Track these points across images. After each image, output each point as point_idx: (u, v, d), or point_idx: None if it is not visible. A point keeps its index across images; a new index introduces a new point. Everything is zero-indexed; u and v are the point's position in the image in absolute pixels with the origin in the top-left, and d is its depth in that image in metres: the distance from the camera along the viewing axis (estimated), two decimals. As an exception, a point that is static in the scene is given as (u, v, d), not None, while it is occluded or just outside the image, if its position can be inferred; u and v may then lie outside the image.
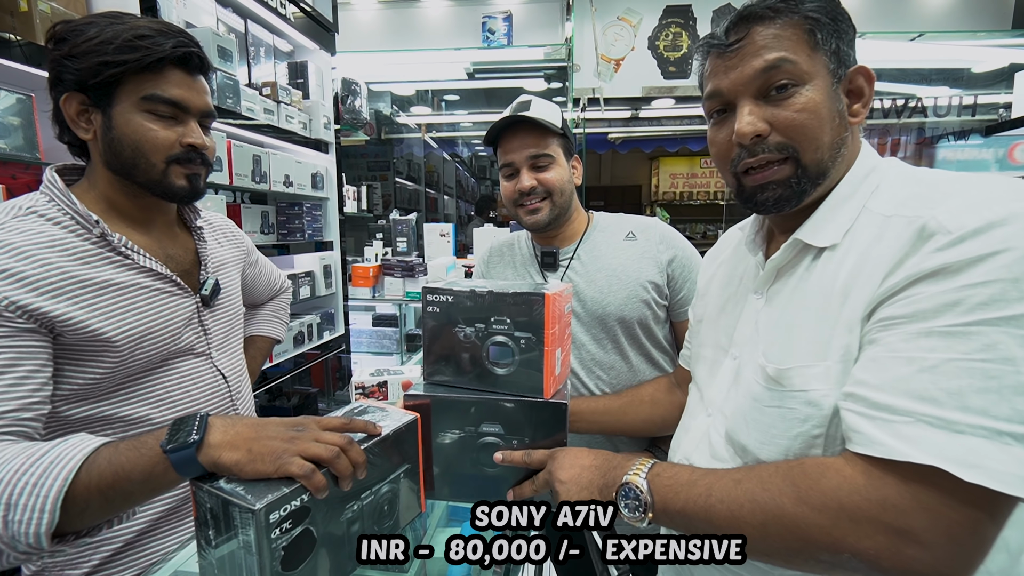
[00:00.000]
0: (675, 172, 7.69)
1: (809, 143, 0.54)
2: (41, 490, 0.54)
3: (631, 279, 0.98)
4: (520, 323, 0.66)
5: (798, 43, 0.53)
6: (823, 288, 0.53)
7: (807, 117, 0.53)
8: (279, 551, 0.48)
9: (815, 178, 0.55)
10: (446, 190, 6.43)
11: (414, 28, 4.02)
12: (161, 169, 0.76)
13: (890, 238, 0.49)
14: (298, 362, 2.13)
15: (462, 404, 0.69)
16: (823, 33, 0.53)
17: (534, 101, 0.99)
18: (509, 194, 1.01)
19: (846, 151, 0.56)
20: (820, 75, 0.53)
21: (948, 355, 0.43)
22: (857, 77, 0.55)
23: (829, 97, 0.53)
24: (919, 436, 0.42)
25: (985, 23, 3.80)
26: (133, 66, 0.71)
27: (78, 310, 0.68)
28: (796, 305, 0.56)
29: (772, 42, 0.53)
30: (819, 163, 0.54)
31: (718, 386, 0.65)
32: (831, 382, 0.50)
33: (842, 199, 0.56)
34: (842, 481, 0.45)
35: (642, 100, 4.01)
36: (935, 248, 0.45)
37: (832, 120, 0.54)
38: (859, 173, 0.56)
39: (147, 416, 0.77)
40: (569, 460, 0.63)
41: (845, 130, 0.55)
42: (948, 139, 4.00)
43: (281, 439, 0.53)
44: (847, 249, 0.53)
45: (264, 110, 1.87)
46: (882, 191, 0.54)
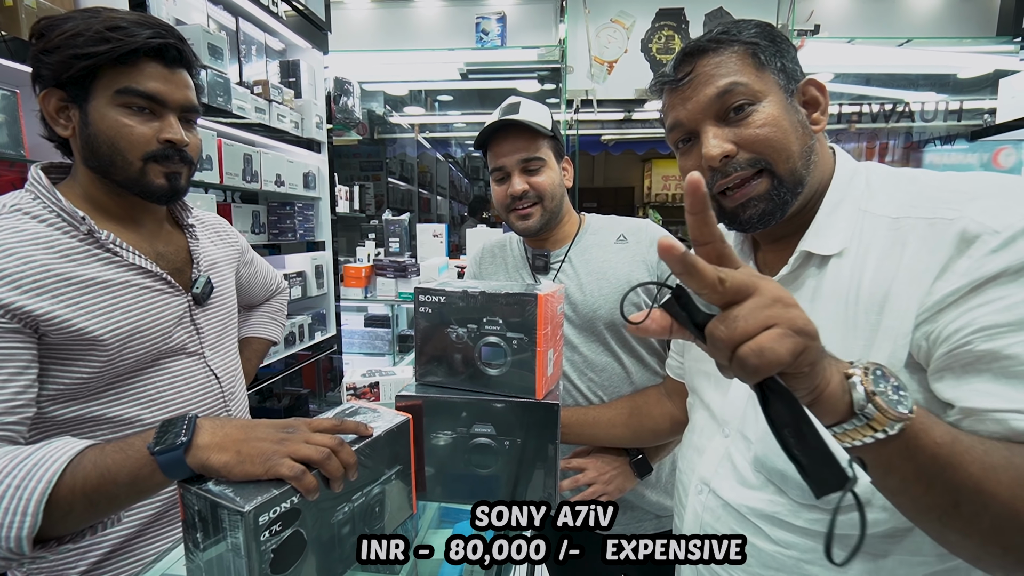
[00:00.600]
0: (667, 174, 7.73)
1: (779, 154, 0.55)
2: (23, 493, 0.53)
3: (621, 282, 0.98)
4: (512, 324, 0.66)
5: (744, 67, 0.56)
6: (841, 295, 0.53)
7: (770, 130, 0.55)
8: (268, 553, 0.48)
9: (793, 187, 0.55)
10: (439, 190, 6.42)
11: (407, 28, 4.01)
12: (138, 167, 0.74)
13: (918, 242, 0.49)
14: (289, 363, 2.12)
15: (454, 405, 0.69)
16: (766, 54, 0.56)
17: (523, 103, 0.98)
18: (501, 199, 1.01)
19: (817, 158, 0.58)
20: (772, 91, 0.56)
21: None
22: (809, 88, 0.58)
23: (787, 109, 0.56)
24: None
25: (970, 30, 3.87)
26: (105, 58, 0.69)
27: (64, 308, 0.67)
28: (817, 312, 0.53)
29: (719, 69, 0.56)
30: (793, 172, 0.55)
31: (731, 404, 0.63)
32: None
33: (834, 205, 0.56)
34: None
35: (635, 102, 4.03)
36: (989, 250, 0.45)
37: (795, 130, 0.56)
38: (843, 177, 0.58)
39: (137, 417, 0.75)
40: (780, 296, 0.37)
41: (810, 138, 0.57)
42: (935, 143, 4.07)
43: (271, 441, 0.53)
44: (861, 255, 0.53)
45: (255, 109, 1.85)
46: (875, 193, 0.55)
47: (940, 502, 0.40)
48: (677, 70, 0.59)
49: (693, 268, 0.36)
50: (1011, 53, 3.61)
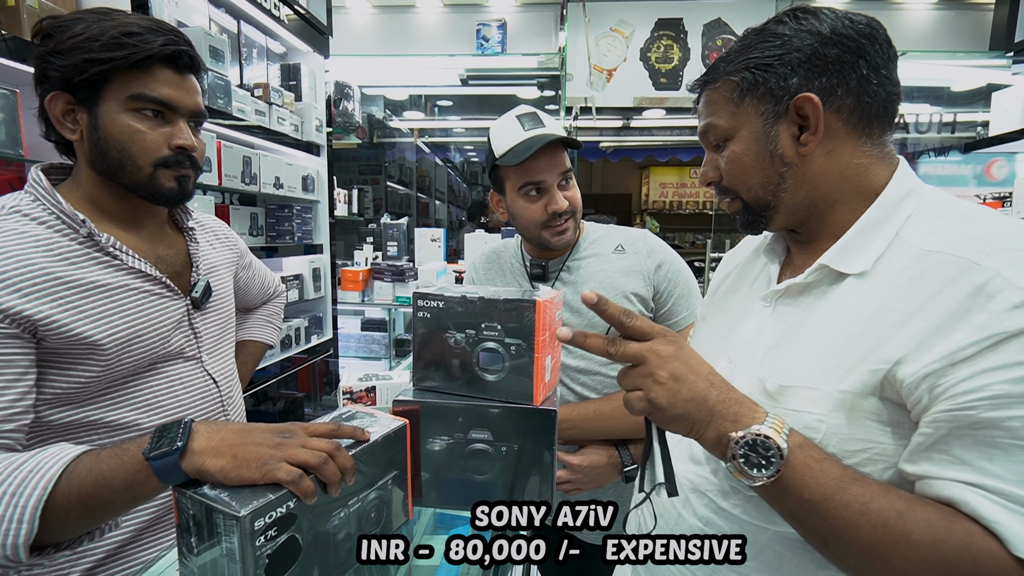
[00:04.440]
0: (665, 181, 7.78)
1: (740, 186, 0.60)
2: (19, 500, 0.52)
3: (618, 292, 0.99)
4: (511, 329, 0.66)
5: (722, 105, 0.60)
6: (845, 315, 0.52)
7: (731, 167, 0.60)
8: (263, 559, 0.47)
9: (759, 210, 0.61)
10: (437, 195, 6.43)
11: (408, 33, 4.03)
12: (148, 172, 0.74)
13: (935, 280, 0.47)
14: (285, 366, 2.11)
15: (451, 410, 0.69)
16: (744, 86, 0.57)
17: (541, 114, 0.97)
18: (537, 215, 0.96)
19: (799, 181, 0.57)
20: (747, 124, 0.58)
21: None
22: (804, 105, 0.54)
23: (757, 142, 0.58)
24: None
25: (964, 44, 3.93)
26: (120, 64, 0.69)
27: (62, 312, 0.66)
28: (809, 326, 0.55)
29: (704, 108, 0.62)
30: (757, 200, 0.60)
31: None
32: (827, 407, 0.50)
33: (873, 224, 0.54)
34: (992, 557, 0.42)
35: (633, 110, 4.06)
36: (1011, 305, 0.42)
37: (761, 161, 0.58)
38: (893, 197, 0.55)
39: (135, 421, 0.75)
40: (684, 355, 0.51)
41: (783, 165, 0.57)
42: (929, 155, 4.12)
43: (267, 445, 0.52)
44: (877, 280, 0.51)
45: (255, 111, 1.86)
46: (920, 220, 0.53)
47: (811, 538, 0.49)
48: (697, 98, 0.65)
49: (584, 345, 0.54)
50: (1003, 67, 3.66)
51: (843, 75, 0.53)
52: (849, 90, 0.54)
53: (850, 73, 0.53)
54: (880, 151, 0.56)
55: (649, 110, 4.03)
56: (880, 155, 0.56)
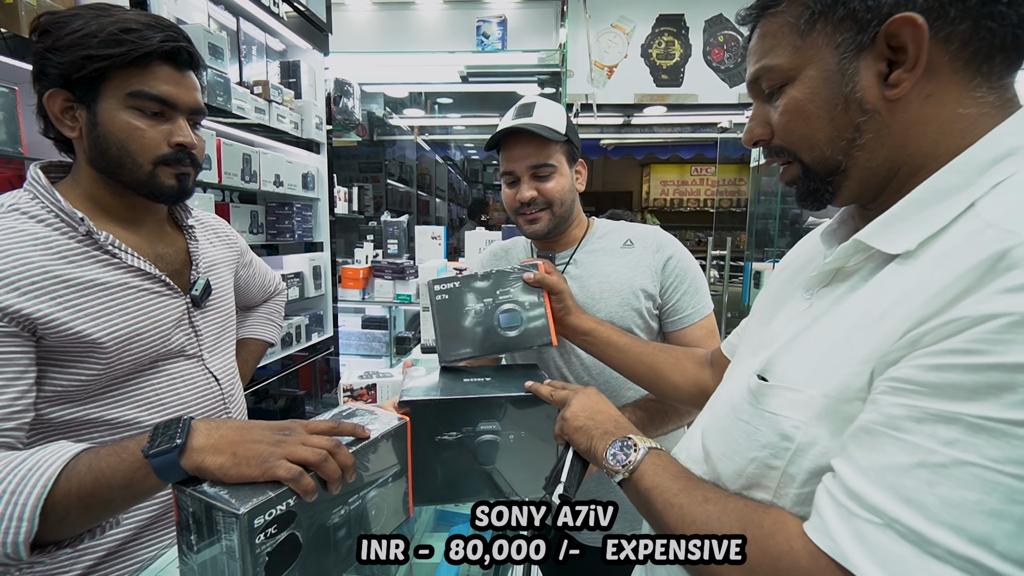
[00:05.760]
0: (666, 179, 7.76)
1: (800, 143, 0.48)
2: (19, 498, 0.52)
3: (624, 287, 0.98)
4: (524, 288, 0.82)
5: (783, 37, 0.47)
6: (867, 307, 0.42)
7: (790, 119, 0.48)
8: (263, 556, 0.47)
9: (824, 176, 0.48)
10: (438, 193, 6.42)
11: (408, 30, 4.01)
12: (148, 170, 0.74)
13: (967, 257, 0.36)
14: (285, 364, 2.11)
15: (457, 404, 0.70)
16: (817, 8, 0.44)
17: (539, 103, 0.97)
18: (510, 202, 1.01)
19: (881, 136, 0.44)
20: (814, 61, 0.45)
21: (969, 456, 0.33)
22: (901, 31, 0.41)
23: (827, 84, 0.45)
24: (881, 545, 0.35)
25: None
26: (118, 61, 0.69)
27: (61, 311, 0.66)
28: (829, 318, 0.47)
29: (758, 45, 0.49)
30: (822, 160, 0.47)
31: (727, 382, 0.61)
32: (808, 413, 0.43)
33: (940, 192, 0.41)
34: (784, 552, 0.40)
35: (634, 107, 4.04)
36: (1006, 287, 0.33)
37: (831, 110, 0.45)
38: (981, 158, 0.40)
39: (136, 419, 0.75)
40: (593, 400, 0.67)
41: (861, 114, 0.44)
42: None
43: (267, 443, 0.52)
44: (923, 264, 0.40)
45: (255, 109, 1.85)
46: (1009, 189, 0.39)
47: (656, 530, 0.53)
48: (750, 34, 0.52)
49: (538, 394, 0.72)
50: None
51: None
52: (967, 9, 0.40)
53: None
54: (999, 97, 0.42)
55: (650, 107, 4.02)
56: (998, 102, 0.42)
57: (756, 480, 0.47)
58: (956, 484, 0.33)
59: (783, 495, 0.45)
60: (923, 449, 0.35)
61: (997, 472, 0.32)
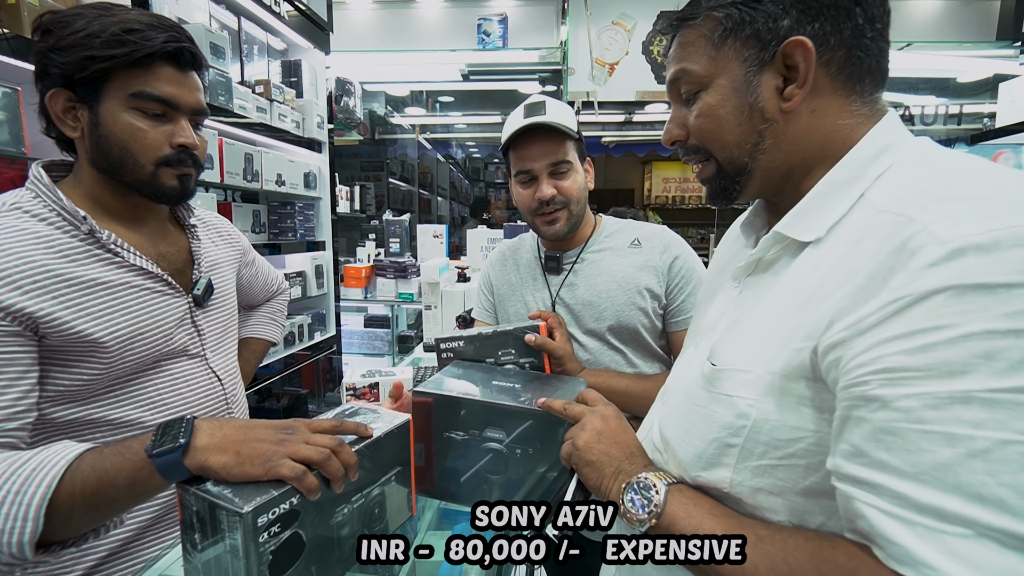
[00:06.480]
0: (667, 176, 7.74)
1: (714, 144, 0.54)
2: (24, 498, 0.52)
3: (631, 286, 0.98)
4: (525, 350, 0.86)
5: (700, 47, 0.53)
6: (794, 290, 0.47)
7: (704, 121, 0.53)
8: (267, 555, 0.47)
9: (734, 175, 0.54)
10: (440, 191, 6.42)
11: (409, 29, 4.01)
12: (150, 171, 0.74)
13: (872, 242, 0.41)
14: (288, 363, 2.11)
15: (468, 405, 0.70)
16: (728, 24, 0.50)
17: (549, 102, 0.96)
18: (527, 202, 0.98)
19: (779, 141, 0.51)
20: (726, 71, 0.51)
21: (1002, 434, 0.32)
22: (794, 52, 0.48)
23: (735, 93, 0.51)
24: (986, 559, 0.32)
25: (970, 34, 3.88)
26: (121, 61, 0.68)
27: (63, 310, 0.66)
28: (761, 303, 0.51)
29: (678, 52, 0.55)
30: (732, 160, 0.53)
31: (676, 373, 0.64)
32: (758, 391, 0.46)
33: (836, 186, 0.48)
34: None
35: (636, 104, 4.03)
36: (928, 263, 0.36)
37: (738, 115, 0.51)
38: (864, 155, 0.48)
39: (139, 419, 0.75)
40: (611, 426, 0.60)
41: (763, 122, 0.50)
42: (935, 147, 4.06)
43: (270, 441, 0.52)
44: (831, 247, 0.46)
45: (257, 108, 1.85)
46: (889, 178, 0.46)
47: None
48: (670, 41, 0.58)
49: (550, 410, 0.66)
50: (1011, 57, 3.61)
51: (838, 22, 0.47)
52: (842, 41, 0.48)
53: (845, 21, 0.47)
54: (871, 109, 0.50)
55: (652, 104, 4.01)
56: (870, 113, 0.50)
57: (716, 459, 0.50)
58: (1013, 467, 0.32)
59: (742, 468, 0.48)
60: (960, 437, 0.33)
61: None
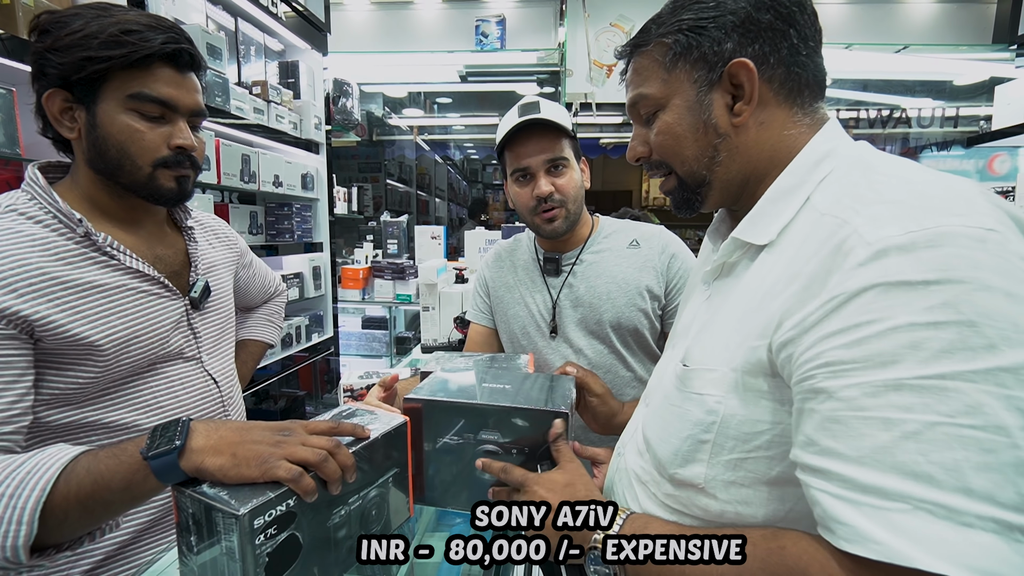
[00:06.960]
0: (665, 178, 7.76)
1: (674, 159, 0.58)
2: (18, 502, 0.52)
3: (630, 287, 0.98)
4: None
5: (653, 72, 0.57)
6: (751, 291, 0.50)
7: (663, 139, 0.57)
8: (263, 557, 0.47)
9: (695, 187, 0.58)
10: (437, 193, 6.42)
11: (407, 30, 4.01)
12: (147, 172, 0.73)
13: (814, 244, 0.45)
14: (286, 365, 2.11)
15: (461, 409, 0.69)
16: (677, 50, 0.55)
17: (543, 102, 0.96)
18: (524, 200, 0.98)
19: (734, 154, 0.55)
20: (679, 92, 0.55)
21: (929, 416, 0.35)
22: (739, 72, 0.52)
23: (689, 112, 0.55)
24: (921, 530, 0.35)
25: (967, 37, 3.90)
26: (119, 62, 0.68)
27: (59, 313, 0.66)
28: (726, 305, 0.54)
29: (634, 77, 0.59)
30: (691, 174, 0.57)
31: (655, 376, 0.66)
32: (724, 388, 0.49)
33: (783, 192, 0.52)
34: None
35: (634, 106, 4.04)
36: (856, 263, 0.39)
37: (695, 132, 0.55)
38: (807, 161, 0.52)
39: (135, 422, 0.74)
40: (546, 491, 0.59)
41: (717, 136, 0.54)
42: (931, 149, 4.09)
43: (267, 443, 0.52)
44: (782, 250, 0.49)
45: (254, 109, 1.85)
46: (831, 182, 0.50)
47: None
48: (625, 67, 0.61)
49: (498, 472, 0.65)
50: (1007, 61, 3.64)
51: (775, 43, 0.52)
52: (780, 59, 0.52)
53: (781, 41, 0.52)
54: (812, 119, 0.54)
55: (649, 106, 4.01)
56: (812, 123, 0.54)
57: (691, 456, 0.52)
58: (939, 446, 0.35)
59: (715, 463, 0.50)
60: (895, 421, 0.37)
61: (957, 426, 0.35)
